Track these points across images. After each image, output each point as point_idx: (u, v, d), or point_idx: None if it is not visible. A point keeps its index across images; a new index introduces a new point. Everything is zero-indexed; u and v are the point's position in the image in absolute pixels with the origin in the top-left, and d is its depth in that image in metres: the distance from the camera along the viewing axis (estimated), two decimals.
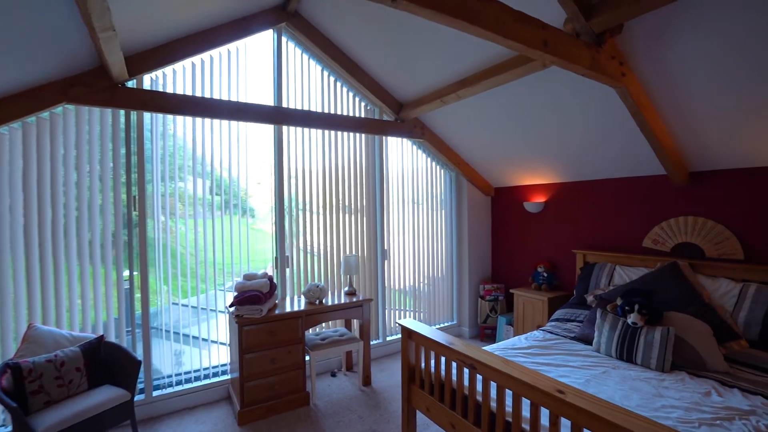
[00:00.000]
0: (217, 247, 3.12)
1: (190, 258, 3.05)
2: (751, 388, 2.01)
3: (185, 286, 3.04)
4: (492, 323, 4.18)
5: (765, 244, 2.53)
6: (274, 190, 3.34)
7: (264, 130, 3.30)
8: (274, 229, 3.37)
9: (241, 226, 3.22)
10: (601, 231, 3.43)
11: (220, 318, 3.36)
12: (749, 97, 2.15)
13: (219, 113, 2.85)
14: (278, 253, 3.36)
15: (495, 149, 3.77)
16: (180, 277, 3.03)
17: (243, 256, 3.23)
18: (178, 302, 3.08)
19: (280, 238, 3.34)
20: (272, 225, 3.38)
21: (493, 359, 1.84)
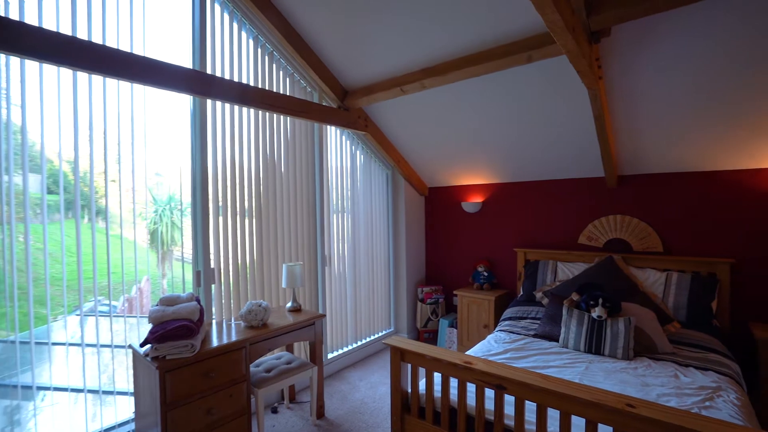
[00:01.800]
0: (62, 259, 2.21)
1: (19, 275, 2.06)
2: (700, 365, 2.26)
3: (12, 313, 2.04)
4: (433, 327, 4.07)
5: (678, 238, 2.96)
6: (193, 185, 2.56)
7: (164, 103, 2.50)
8: (194, 235, 2.58)
9: (95, 234, 2.29)
10: (539, 230, 3.63)
11: (96, 355, 2.41)
12: (690, 110, 2.45)
13: (118, 69, 1.99)
14: (201, 266, 2.58)
15: (440, 148, 3.66)
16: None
17: (101, 270, 2.33)
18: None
19: (203, 247, 2.57)
20: (192, 230, 2.58)
21: (529, 376, 1.64)
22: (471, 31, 2.39)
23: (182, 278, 2.62)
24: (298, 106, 2.86)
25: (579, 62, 1.95)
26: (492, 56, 2.41)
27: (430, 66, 2.72)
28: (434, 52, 2.62)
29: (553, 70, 2.50)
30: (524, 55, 2.30)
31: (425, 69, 2.74)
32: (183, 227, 2.77)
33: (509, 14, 2.22)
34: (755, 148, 2.54)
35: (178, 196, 2.62)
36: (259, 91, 2.62)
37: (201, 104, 2.53)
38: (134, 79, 2.04)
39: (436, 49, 2.60)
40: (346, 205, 3.64)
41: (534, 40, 2.25)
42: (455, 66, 2.57)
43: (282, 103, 2.74)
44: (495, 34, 2.36)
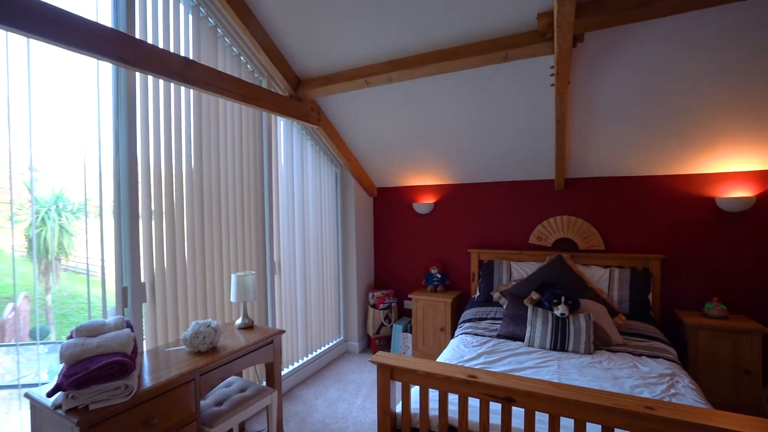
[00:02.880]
0: None
1: None
2: (651, 354, 2.45)
3: None
4: (386, 333, 3.90)
5: (617, 236, 3.23)
6: (116, 181, 2.03)
7: (66, 74, 1.96)
8: (119, 243, 2.04)
9: None
10: (492, 230, 3.69)
11: None
12: (633, 121, 2.66)
13: (21, 20, 1.46)
14: (129, 281, 2.06)
15: (393, 146, 3.51)
16: None
17: None
18: None
19: (131, 258, 2.05)
20: (116, 237, 2.04)
21: (540, 385, 1.56)
22: (447, 24, 2.28)
23: (87, 296, 2.06)
24: (249, 91, 2.47)
25: (565, 63, 1.95)
26: (469, 52, 2.33)
27: (399, 58, 2.55)
28: (405, 44, 2.46)
29: (517, 73, 2.51)
30: (502, 54, 2.27)
31: (394, 61, 2.56)
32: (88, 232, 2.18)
33: (488, 10, 2.15)
34: (683, 156, 2.86)
35: (68, 195, 2.06)
36: (206, 69, 2.18)
37: (128, 80, 2.02)
38: (32, 31, 1.51)
39: (407, 40, 2.44)
40: (296, 206, 3.29)
41: (512, 39, 2.23)
42: (428, 60, 2.44)
43: (232, 86, 2.33)
44: (472, 29, 2.28)
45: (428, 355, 3.55)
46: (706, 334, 2.68)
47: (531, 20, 2.16)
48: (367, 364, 3.62)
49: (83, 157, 1.96)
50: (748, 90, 2.31)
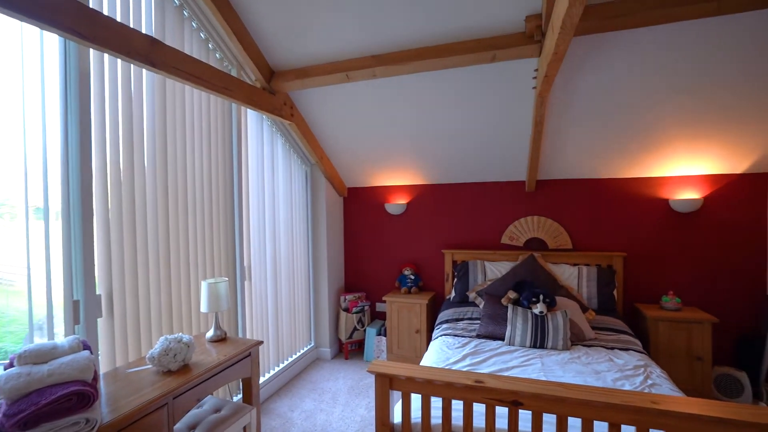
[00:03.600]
0: None
1: None
2: (621, 346, 2.58)
3: None
4: (359, 337, 3.78)
5: (583, 236, 3.39)
6: (65, 178, 1.73)
7: None
8: (68, 249, 1.74)
9: None
10: (466, 231, 3.72)
11: None
12: (602, 126, 2.79)
13: None
14: (81, 293, 1.76)
15: (367, 145, 3.41)
16: None
17: None
18: None
19: (83, 266, 1.76)
20: (64, 241, 1.74)
21: (547, 387, 1.55)
22: (435, 21, 2.23)
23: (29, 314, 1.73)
24: (220, 80, 2.24)
25: (557, 66, 1.98)
26: (457, 50, 2.30)
27: (384, 53, 2.46)
28: (391, 39, 2.38)
29: (497, 75, 2.53)
30: (489, 54, 2.26)
31: (379, 56, 2.47)
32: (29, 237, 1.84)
33: (476, 10, 2.13)
34: (641, 160, 3.06)
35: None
36: (174, 52, 1.94)
37: (80, 59, 1.73)
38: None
39: (393, 35, 2.35)
40: (266, 207, 3.08)
41: (500, 40, 2.23)
42: (415, 56, 2.37)
43: (202, 72, 2.10)
44: (460, 28, 2.25)
45: (404, 358, 3.49)
46: (665, 326, 2.89)
47: (519, 22, 2.17)
48: (341, 370, 3.48)
49: (23, 150, 1.64)
50: (699, 105, 2.51)
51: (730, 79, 2.34)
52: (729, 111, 2.55)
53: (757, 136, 2.71)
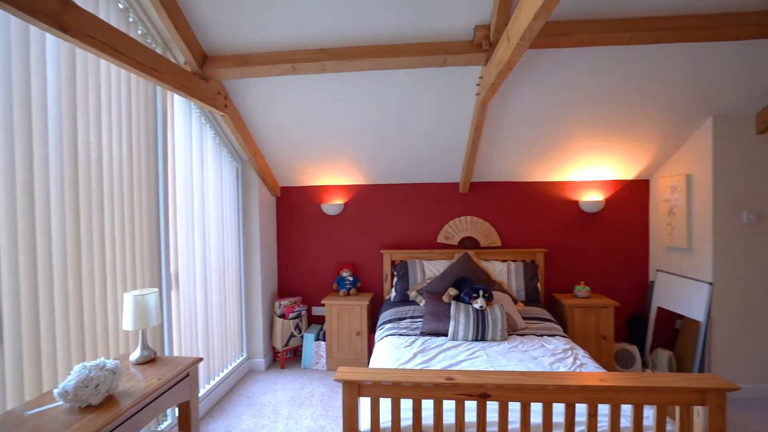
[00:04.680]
0: None
1: None
2: (549, 333, 2.87)
3: None
4: (296, 344, 3.58)
5: (511, 234, 3.69)
6: None
7: None
8: None
9: None
10: (403, 231, 3.77)
11: None
12: (529, 134, 3.07)
13: None
14: None
15: (304, 143, 3.26)
16: None
17: None
18: None
19: None
20: None
21: (512, 377, 1.64)
22: (389, 20, 2.21)
23: None
24: (148, 58, 1.94)
25: (506, 74, 2.11)
26: (410, 52, 2.32)
27: (335, 48, 2.37)
28: (342, 34, 2.30)
29: (441, 80, 2.61)
30: (441, 58, 2.32)
31: (329, 50, 2.37)
32: None
33: (428, 14, 2.17)
34: (559, 166, 3.44)
35: None
36: (92, 18, 1.62)
37: None
38: None
39: (344, 30, 2.28)
40: (195, 207, 2.74)
41: (451, 45, 2.31)
42: (368, 53, 2.33)
43: (127, 47, 1.79)
44: (412, 29, 2.27)
45: (345, 362, 3.42)
46: (579, 311, 3.28)
47: (468, 30, 2.27)
48: (278, 381, 3.27)
49: None
50: (606, 120, 2.92)
51: (630, 101, 2.76)
52: (626, 128, 3.00)
53: (643, 150, 3.24)
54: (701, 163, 3.02)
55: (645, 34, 2.16)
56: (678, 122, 2.98)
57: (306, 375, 3.37)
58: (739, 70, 2.53)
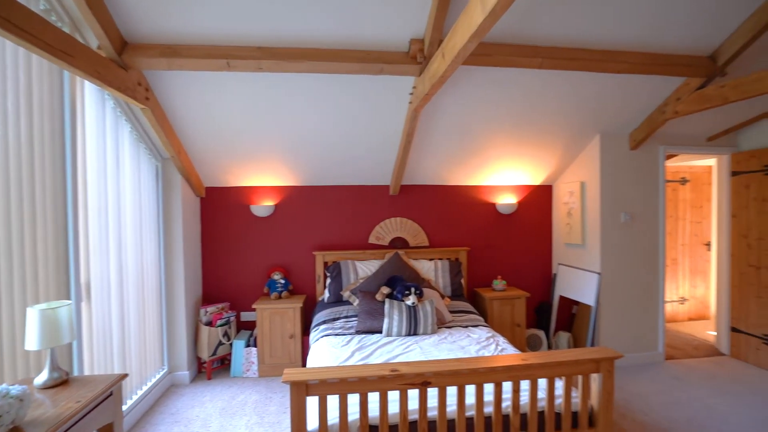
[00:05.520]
0: None
1: None
2: (473, 324, 3.15)
3: None
4: (224, 352, 3.39)
5: (437, 234, 3.95)
6: None
7: None
8: None
9: None
10: (336, 232, 3.80)
11: None
12: (454, 143, 3.34)
13: None
14: None
15: (235, 142, 3.12)
16: None
17: None
18: None
19: None
20: None
21: (450, 364, 1.80)
22: (328, 25, 2.25)
23: None
24: (59, 40, 1.73)
25: (439, 87, 2.29)
26: (348, 58, 2.38)
27: (274, 47, 2.34)
28: (282, 33, 2.28)
29: (376, 86, 2.71)
30: (378, 67, 2.43)
31: (268, 49, 2.33)
32: None
33: (366, 23, 2.26)
34: (480, 172, 3.79)
35: None
36: None
37: None
38: None
39: (284, 30, 2.26)
40: (109, 209, 2.47)
41: (388, 55, 2.42)
42: (307, 56, 2.34)
43: (33, 27, 1.58)
44: (352, 37, 2.34)
45: (278, 367, 3.35)
46: (497, 303, 3.65)
47: (404, 43, 2.41)
48: (206, 392, 3.07)
49: None
50: (521, 132, 3.30)
51: (539, 117, 3.16)
52: (535, 140, 3.43)
53: (548, 160, 3.73)
54: (592, 172, 3.57)
55: (552, 61, 2.52)
56: (574, 137, 3.49)
57: (236, 384, 3.23)
58: (618, 98, 3.07)
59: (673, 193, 4.89)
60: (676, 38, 2.58)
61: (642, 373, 3.40)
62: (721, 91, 2.70)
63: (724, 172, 3.86)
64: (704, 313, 5.00)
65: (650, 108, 3.25)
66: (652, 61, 2.66)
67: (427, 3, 2.16)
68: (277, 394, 3.05)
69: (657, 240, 3.63)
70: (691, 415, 2.74)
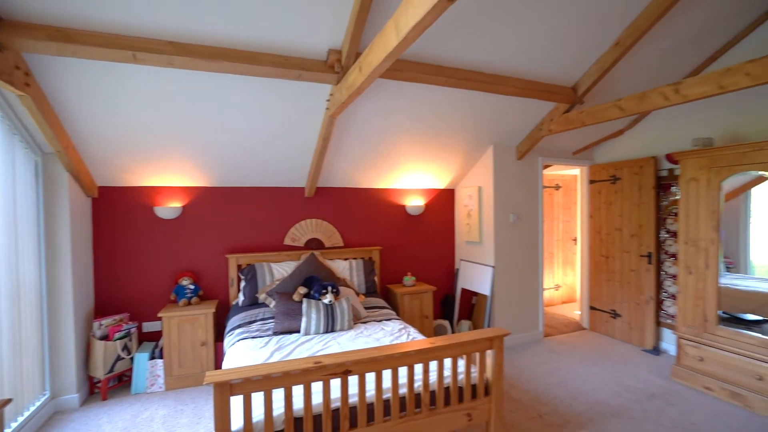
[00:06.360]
0: None
1: None
2: (387, 318, 3.38)
3: None
4: (124, 367, 3.08)
5: (351, 235, 4.11)
6: None
7: None
8: None
9: None
10: (250, 234, 3.72)
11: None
12: (368, 149, 3.55)
13: None
14: None
15: (138, 139, 2.88)
16: None
17: None
18: None
19: None
20: None
21: (368, 352, 1.96)
22: (250, 27, 2.26)
23: None
24: None
25: (355, 97, 2.45)
26: (267, 62, 2.41)
27: (189, 44, 2.25)
28: (197, 30, 2.21)
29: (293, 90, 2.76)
30: (296, 72, 2.51)
31: (181, 45, 2.23)
32: None
33: (287, 29, 2.32)
34: (391, 175, 4.06)
35: None
36: None
37: None
38: None
39: (201, 27, 2.19)
40: None
41: (308, 62, 2.51)
42: (223, 55, 2.31)
43: None
44: (271, 40, 2.37)
45: (188, 377, 3.17)
46: (407, 297, 3.95)
47: (322, 52, 2.52)
48: (102, 414, 2.77)
49: None
50: (427, 141, 3.65)
51: (444, 127, 3.53)
52: (440, 148, 3.81)
53: (451, 166, 4.16)
54: (487, 178, 4.09)
55: (454, 81, 2.86)
56: (472, 147, 3.96)
57: (140, 400, 2.97)
58: (507, 115, 3.59)
59: (549, 197, 5.78)
60: (548, 70, 3.14)
61: (526, 350, 4.00)
62: (580, 116, 3.35)
63: (584, 180, 4.73)
64: (573, 296, 6.02)
65: (531, 125, 3.86)
66: (531, 87, 3.19)
67: (345, 16, 2.31)
68: (188, 406, 2.90)
69: (537, 237, 4.30)
70: (562, 378, 3.34)
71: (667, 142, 3.90)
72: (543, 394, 3.08)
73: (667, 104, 2.71)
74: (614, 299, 4.32)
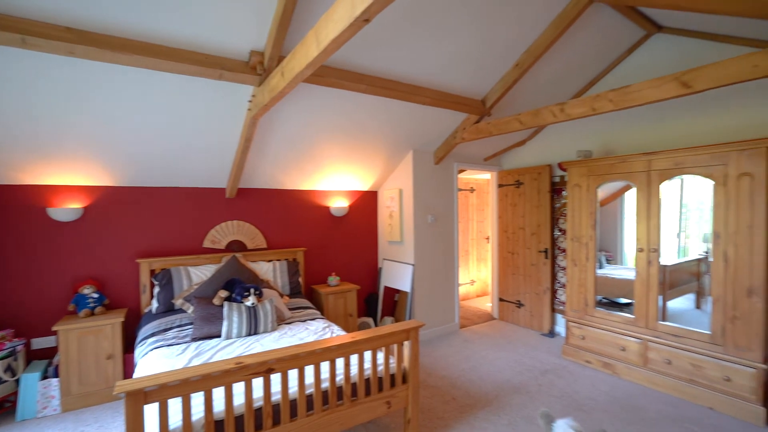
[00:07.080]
0: None
1: None
2: (311, 317, 3.43)
3: None
4: (7, 392, 2.70)
5: (275, 236, 4.07)
6: None
7: None
8: None
9: None
10: (164, 237, 3.49)
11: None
12: (292, 151, 3.57)
13: None
14: None
15: (29, 131, 2.58)
16: None
17: None
18: None
19: None
20: None
21: (288, 351, 2.02)
22: (167, 20, 2.16)
23: None
24: None
25: (278, 100, 2.47)
26: (185, 59, 2.33)
27: (93, 32, 2.09)
28: (105, 19, 2.06)
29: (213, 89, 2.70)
30: (217, 72, 2.46)
31: (83, 32, 2.07)
32: None
33: (207, 27, 2.28)
34: (315, 177, 4.11)
35: None
36: None
37: None
38: None
39: (110, 16, 2.06)
40: None
41: (229, 62, 2.48)
42: (136, 49, 2.19)
43: None
44: (190, 36, 2.30)
45: (91, 396, 2.90)
46: (332, 297, 4.03)
47: (244, 52, 2.51)
48: None
49: None
50: (350, 145, 3.77)
51: (366, 132, 3.68)
52: (363, 151, 3.96)
53: (374, 169, 4.34)
54: (407, 181, 4.34)
55: (374, 89, 3.02)
56: (393, 152, 4.18)
57: (27, 428, 2.63)
58: (425, 122, 3.86)
59: (465, 199, 6.28)
60: (461, 83, 3.46)
61: (443, 341, 4.33)
62: (487, 127, 3.74)
63: (494, 184, 5.24)
64: (486, 290, 6.59)
65: (447, 133, 4.19)
66: (445, 98, 3.49)
67: (268, 19, 2.33)
68: (90, 427, 2.65)
69: (453, 236, 4.66)
70: (474, 364, 3.69)
71: (559, 152, 4.51)
72: (457, 380, 3.38)
73: (555, 120, 3.16)
74: (519, 291, 4.85)
